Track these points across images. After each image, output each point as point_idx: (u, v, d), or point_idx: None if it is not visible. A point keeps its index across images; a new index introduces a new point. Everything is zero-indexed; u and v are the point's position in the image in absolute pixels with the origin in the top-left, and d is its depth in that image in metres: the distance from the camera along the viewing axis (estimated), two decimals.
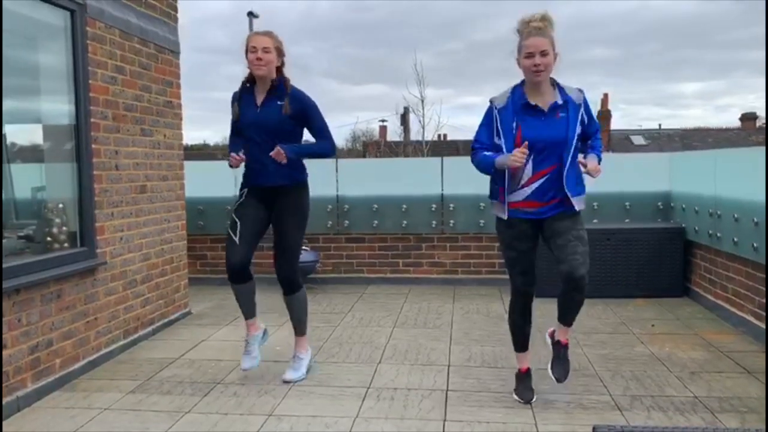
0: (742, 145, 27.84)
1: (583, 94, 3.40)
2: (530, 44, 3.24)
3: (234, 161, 3.74)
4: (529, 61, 3.25)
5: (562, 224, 3.36)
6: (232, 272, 3.84)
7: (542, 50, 3.23)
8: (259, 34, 3.77)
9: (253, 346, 3.97)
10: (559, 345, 3.57)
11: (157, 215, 5.15)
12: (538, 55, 3.22)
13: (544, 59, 3.23)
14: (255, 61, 3.69)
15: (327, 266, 7.06)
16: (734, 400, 3.54)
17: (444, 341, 4.77)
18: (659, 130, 35.79)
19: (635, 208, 6.59)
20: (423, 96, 26.32)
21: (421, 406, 3.53)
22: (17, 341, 3.58)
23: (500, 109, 3.37)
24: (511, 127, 3.32)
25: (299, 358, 4.03)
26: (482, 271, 6.89)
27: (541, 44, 3.23)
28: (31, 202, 4.36)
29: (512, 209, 3.39)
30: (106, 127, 4.45)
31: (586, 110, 3.40)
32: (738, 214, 4.86)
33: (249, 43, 3.72)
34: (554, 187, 3.33)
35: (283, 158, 3.65)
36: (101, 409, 3.57)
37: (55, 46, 4.18)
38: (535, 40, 3.23)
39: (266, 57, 3.69)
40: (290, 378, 3.91)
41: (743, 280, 4.91)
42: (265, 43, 3.70)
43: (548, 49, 3.24)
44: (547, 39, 3.25)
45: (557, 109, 3.32)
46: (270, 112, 3.78)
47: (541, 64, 3.23)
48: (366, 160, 14.24)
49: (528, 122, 3.31)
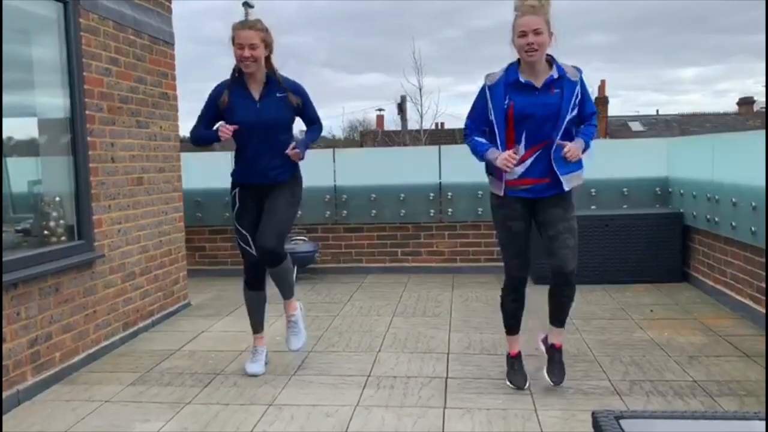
0: (739, 129, 27.80)
1: (580, 74, 3.35)
2: (523, 23, 3.20)
3: (225, 132, 3.59)
4: (523, 40, 3.21)
5: (555, 213, 3.37)
6: (252, 279, 3.89)
7: (535, 29, 3.18)
8: (245, 27, 3.60)
9: (261, 357, 3.96)
10: (553, 349, 3.57)
11: (155, 207, 5.14)
12: (531, 33, 3.18)
13: (537, 38, 3.18)
14: (243, 59, 3.58)
15: (326, 256, 7.06)
16: (733, 384, 3.55)
17: (443, 329, 4.77)
18: (656, 116, 35.74)
19: (633, 193, 6.58)
20: (421, 85, 26.27)
21: (421, 394, 3.54)
22: (16, 335, 3.58)
23: (491, 86, 3.35)
24: (503, 103, 3.30)
25: (293, 321, 3.98)
26: (481, 259, 6.89)
27: (534, 23, 3.18)
28: (27, 195, 4.34)
29: (508, 186, 3.38)
30: (102, 120, 4.43)
31: (582, 90, 3.35)
32: (736, 199, 4.86)
33: (235, 38, 3.59)
34: (546, 164, 3.33)
35: (299, 158, 3.68)
36: (102, 401, 3.57)
37: (48, 39, 4.15)
38: (529, 19, 3.19)
39: (254, 53, 3.57)
40: (297, 346, 3.95)
41: (742, 265, 4.91)
42: (251, 40, 3.56)
43: (542, 27, 3.19)
44: (540, 18, 3.20)
45: (551, 85, 3.28)
46: (272, 106, 3.68)
47: (534, 43, 3.18)
48: (363, 149, 14.21)
49: (520, 98, 3.28)
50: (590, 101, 3.42)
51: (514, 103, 3.28)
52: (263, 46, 3.62)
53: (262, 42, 3.61)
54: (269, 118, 3.67)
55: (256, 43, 3.58)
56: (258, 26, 3.62)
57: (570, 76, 3.31)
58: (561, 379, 3.50)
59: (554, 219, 3.37)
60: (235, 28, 3.62)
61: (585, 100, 3.37)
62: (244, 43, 3.57)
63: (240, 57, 3.59)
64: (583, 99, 3.36)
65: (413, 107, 27.56)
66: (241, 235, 3.82)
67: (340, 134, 42.81)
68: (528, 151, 3.33)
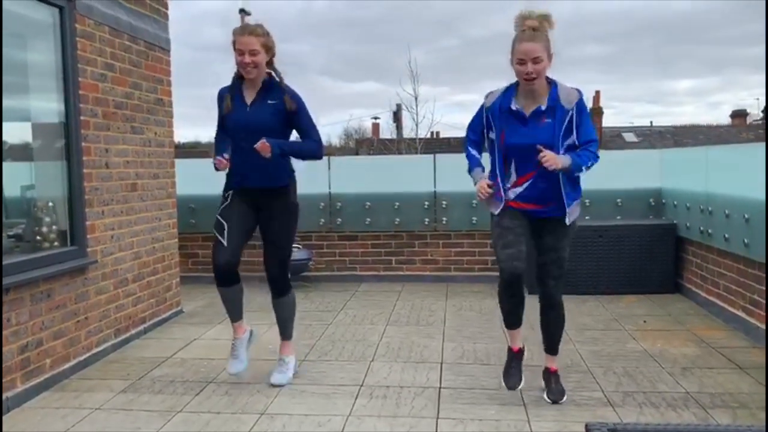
0: (733, 141, 27.99)
1: (579, 98, 3.25)
2: (522, 50, 3.14)
3: (220, 164, 3.61)
4: (522, 68, 3.17)
5: (546, 242, 3.40)
6: (220, 275, 3.73)
7: (534, 57, 3.13)
8: (245, 33, 3.59)
9: (241, 350, 3.88)
10: (548, 372, 3.59)
11: (149, 213, 5.12)
12: (530, 62, 3.14)
13: (536, 66, 3.14)
14: (244, 65, 3.57)
15: (320, 264, 7.05)
16: (726, 396, 3.55)
17: (437, 338, 4.76)
18: (650, 128, 35.92)
19: (627, 204, 6.60)
20: (417, 93, 26.33)
21: (413, 404, 3.52)
22: (7, 341, 3.55)
23: (488, 108, 3.36)
24: (497, 128, 3.32)
25: (285, 361, 3.95)
26: (475, 269, 6.89)
27: (533, 51, 3.12)
28: (20, 200, 4.32)
29: (507, 205, 3.39)
30: (96, 125, 4.42)
31: (579, 115, 3.24)
32: (729, 211, 4.88)
33: (236, 43, 3.58)
34: (542, 190, 3.31)
35: (267, 152, 3.50)
36: (92, 408, 3.54)
37: (43, 44, 4.15)
38: (528, 46, 3.13)
39: (254, 59, 3.56)
40: (277, 382, 3.83)
41: (735, 277, 4.93)
42: (251, 45, 3.54)
43: (541, 54, 3.14)
44: (540, 44, 3.14)
45: (542, 115, 3.24)
46: (261, 112, 3.65)
47: (533, 72, 3.14)
48: (359, 157, 14.25)
49: (510, 128, 3.29)
50: (588, 128, 3.28)
51: (504, 132, 3.30)
52: (264, 51, 3.60)
53: (262, 47, 3.59)
54: (256, 123, 3.62)
55: (256, 48, 3.56)
56: (258, 31, 3.60)
57: (564, 102, 3.22)
58: (560, 398, 3.49)
59: (545, 248, 3.41)
60: (235, 33, 3.61)
61: (581, 125, 3.25)
62: (244, 49, 3.55)
63: (241, 63, 3.58)
64: (579, 124, 3.25)
65: (409, 116, 27.62)
66: (218, 225, 3.73)
67: (336, 142, 42.87)
68: (520, 178, 3.33)
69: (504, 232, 3.37)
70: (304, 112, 3.75)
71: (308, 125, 3.76)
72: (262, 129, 3.61)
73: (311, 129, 3.77)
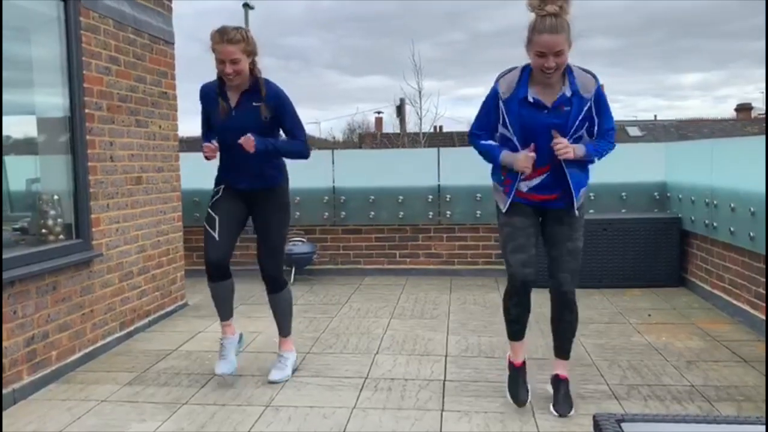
0: (737, 135, 27.89)
1: (597, 85, 3.05)
2: (544, 43, 2.86)
3: (209, 151, 3.54)
4: (541, 60, 2.90)
5: (560, 231, 3.21)
6: (212, 269, 3.68)
7: (557, 51, 2.87)
8: (224, 41, 3.40)
9: (230, 351, 3.81)
10: (557, 379, 3.37)
11: (153, 207, 5.13)
12: (552, 56, 2.88)
13: (558, 59, 2.88)
14: (225, 75, 3.45)
15: (324, 258, 7.05)
16: (731, 389, 3.55)
17: (441, 332, 4.77)
18: (654, 121, 35.83)
19: (631, 198, 6.59)
20: (420, 87, 26.32)
21: (418, 396, 3.53)
22: (13, 334, 3.56)
23: (505, 100, 3.10)
24: (515, 119, 3.09)
25: (284, 357, 3.91)
26: (479, 262, 6.89)
27: (555, 44, 2.85)
28: (25, 194, 4.33)
29: (516, 197, 3.20)
30: (101, 118, 4.42)
31: (597, 104, 3.06)
32: (734, 204, 4.86)
33: (215, 52, 3.43)
34: (554, 183, 3.14)
35: (251, 147, 3.44)
36: (98, 401, 3.56)
37: (48, 37, 4.14)
38: (549, 39, 2.85)
39: (236, 68, 3.42)
40: (276, 378, 3.78)
41: (740, 270, 4.91)
42: (232, 54, 3.40)
43: (563, 47, 2.87)
44: (562, 35, 2.86)
45: (563, 104, 3.04)
46: (246, 114, 3.56)
47: (554, 67, 2.90)
48: (362, 151, 14.21)
49: (529, 117, 3.07)
50: (607, 116, 3.11)
51: (523, 123, 3.08)
52: (245, 57, 3.47)
53: (243, 53, 3.45)
54: (241, 125, 3.52)
55: (237, 57, 3.42)
56: (238, 37, 3.42)
57: (582, 91, 3.03)
58: (567, 411, 3.25)
59: (560, 238, 3.21)
60: (214, 40, 3.44)
61: (600, 113, 3.08)
62: (225, 58, 3.42)
63: (222, 72, 3.47)
64: (599, 112, 3.08)
65: (412, 110, 27.61)
66: (209, 217, 3.69)
67: (340, 137, 42.82)
68: (535, 171, 3.12)
69: (514, 232, 3.19)
70: (289, 112, 3.65)
71: (293, 124, 3.67)
72: (245, 130, 3.52)
73: (296, 128, 3.68)
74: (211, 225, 3.68)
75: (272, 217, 3.75)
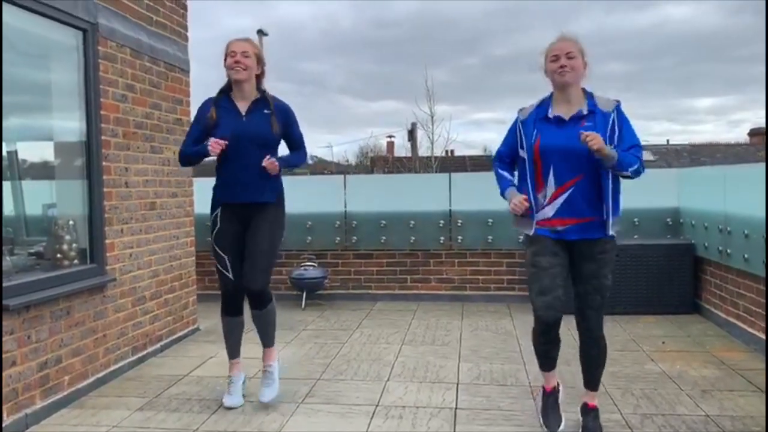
0: (750, 160, 27.72)
1: (618, 105, 3.17)
2: (556, 47, 3.15)
3: (215, 146, 3.49)
4: (555, 64, 3.13)
5: (588, 268, 3.17)
6: (230, 302, 3.81)
7: (568, 52, 3.12)
8: (239, 39, 3.65)
9: (236, 388, 3.86)
10: (586, 408, 3.38)
11: (167, 232, 5.17)
12: (564, 57, 3.11)
13: (570, 61, 3.11)
14: (234, 64, 3.57)
15: (335, 282, 7.06)
16: (747, 419, 3.50)
17: (453, 358, 4.74)
18: (667, 146, 35.70)
19: (644, 224, 6.56)
20: (433, 112, 26.44)
21: (429, 425, 3.50)
22: (26, 358, 3.59)
23: (523, 121, 3.25)
24: (531, 138, 3.17)
25: (269, 371, 3.86)
26: (491, 288, 6.86)
27: (566, 47, 3.13)
28: (41, 218, 4.38)
29: (538, 226, 3.20)
30: (117, 145, 4.49)
31: (620, 121, 3.14)
32: (748, 231, 4.83)
33: (228, 48, 3.63)
34: (581, 202, 3.11)
35: (275, 169, 3.57)
36: (109, 426, 3.56)
37: (67, 65, 4.23)
38: (562, 44, 3.15)
39: (245, 61, 3.58)
40: (268, 398, 3.76)
41: (754, 297, 4.86)
42: (244, 48, 3.60)
43: (575, 51, 3.12)
44: (573, 41, 3.15)
45: (581, 119, 3.13)
46: (258, 121, 3.65)
47: (566, 66, 3.10)
48: (374, 175, 14.28)
49: (547, 131, 3.15)
50: (631, 132, 3.16)
51: (541, 136, 3.15)
52: (255, 59, 3.65)
53: (254, 55, 3.65)
54: (254, 132, 3.61)
55: (248, 51, 3.62)
56: (252, 41, 3.71)
57: (602, 107, 3.14)
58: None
59: (586, 274, 3.18)
60: (229, 41, 3.67)
61: (624, 130, 3.14)
62: (236, 50, 3.60)
63: (230, 64, 3.59)
64: (622, 130, 3.14)
65: (424, 134, 27.71)
66: (218, 258, 3.75)
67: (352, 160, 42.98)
68: (558, 188, 3.13)
69: (540, 273, 3.16)
70: (296, 124, 3.87)
71: (299, 137, 3.90)
72: (259, 137, 3.63)
73: (302, 140, 3.93)
74: (222, 264, 3.76)
75: (264, 228, 3.71)
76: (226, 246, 3.74)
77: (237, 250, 3.74)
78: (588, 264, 3.18)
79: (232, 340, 3.92)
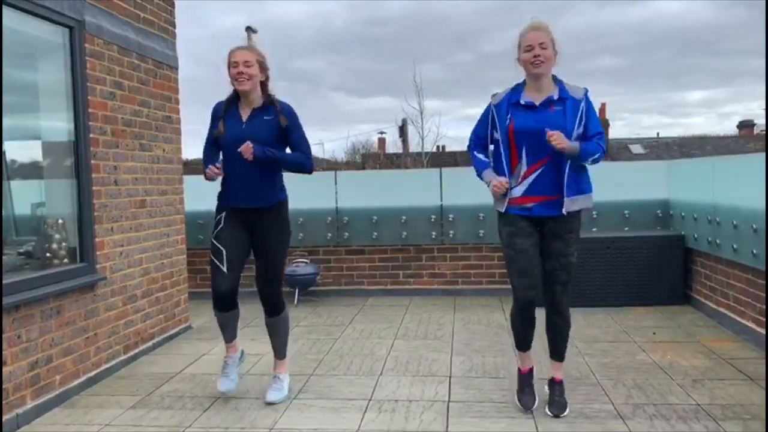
0: (739, 152, 27.90)
1: (586, 93, 3.40)
2: (530, 38, 3.32)
3: (211, 172, 3.61)
4: (529, 54, 3.32)
5: (555, 246, 3.44)
6: (221, 301, 3.76)
7: (541, 42, 3.30)
8: (241, 48, 3.65)
9: (232, 369, 3.89)
10: (553, 383, 3.60)
11: (157, 230, 5.16)
12: (537, 47, 3.29)
13: (543, 51, 3.30)
14: (237, 76, 3.58)
15: (327, 279, 7.06)
16: (737, 408, 3.53)
17: (445, 352, 4.75)
18: (657, 139, 35.87)
19: (634, 216, 6.59)
20: (422, 108, 26.48)
21: (422, 418, 3.52)
22: (17, 358, 3.57)
23: (496, 105, 3.47)
24: (505, 121, 3.40)
25: (280, 379, 3.92)
26: (483, 282, 6.88)
27: (539, 37, 3.30)
28: (30, 218, 4.36)
29: (510, 206, 3.44)
30: (105, 143, 4.47)
31: (587, 109, 3.39)
32: (737, 221, 4.86)
33: (230, 58, 3.62)
34: (548, 182, 3.36)
35: (249, 153, 3.51)
36: (101, 425, 3.55)
37: (54, 63, 4.21)
38: (534, 34, 3.31)
39: (248, 71, 3.58)
40: (273, 399, 3.78)
41: (744, 287, 4.90)
42: (246, 57, 3.58)
43: (547, 42, 3.30)
44: (545, 33, 3.32)
45: (552, 104, 3.37)
46: (257, 126, 3.66)
47: (540, 56, 3.29)
48: (365, 171, 14.27)
49: (519, 115, 3.38)
50: (595, 121, 3.44)
51: (514, 120, 3.38)
52: (258, 66, 3.63)
53: (257, 63, 3.63)
54: (252, 138, 3.59)
55: (250, 60, 3.60)
56: (255, 50, 3.68)
57: (573, 94, 3.38)
58: (561, 411, 3.48)
59: (553, 252, 3.44)
60: (231, 50, 3.66)
61: (590, 118, 3.40)
62: (238, 60, 3.59)
63: (234, 74, 3.60)
64: (588, 117, 3.40)
65: (415, 130, 27.75)
66: (215, 250, 3.74)
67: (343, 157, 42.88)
68: (530, 167, 3.38)
69: (517, 256, 3.42)
70: (297, 128, 3.77)
71: (300, 140, 3.77)
72: (256, 142, 3.61)
73: (303, 144, 3.79)
74: (218, 257, 3.73)
75: (272, 241, 3.76)
76: (225, 240, 3.74)
77: (236, 246, 3.74)
78: (556, 242, 3.44)
79: (225, 328, 3.91)
